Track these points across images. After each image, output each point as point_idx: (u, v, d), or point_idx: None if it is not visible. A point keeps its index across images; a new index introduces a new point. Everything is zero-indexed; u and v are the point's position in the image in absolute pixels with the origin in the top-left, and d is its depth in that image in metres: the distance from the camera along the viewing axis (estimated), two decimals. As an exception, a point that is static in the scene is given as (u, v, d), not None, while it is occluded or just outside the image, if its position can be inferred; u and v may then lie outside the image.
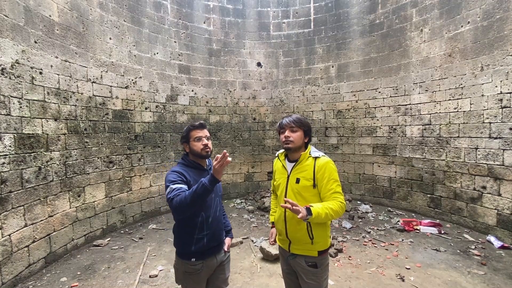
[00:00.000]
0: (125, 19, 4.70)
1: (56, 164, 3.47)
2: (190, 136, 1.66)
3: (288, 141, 1.65)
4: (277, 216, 1.75)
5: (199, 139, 1.64)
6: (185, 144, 1.70)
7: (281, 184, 1.71)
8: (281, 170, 1.75)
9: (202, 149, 1.63)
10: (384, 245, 3.74)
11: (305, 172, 1.62)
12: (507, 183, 3.70)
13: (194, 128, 1.66)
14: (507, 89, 3.68)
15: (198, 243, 1.59)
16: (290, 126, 1.66)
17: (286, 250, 1.71)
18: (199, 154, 1.65)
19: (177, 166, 1.65)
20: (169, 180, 1.52)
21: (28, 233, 3.06)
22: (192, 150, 1.66)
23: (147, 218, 5.07)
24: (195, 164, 1.68)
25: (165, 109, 5.43)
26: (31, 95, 3.17)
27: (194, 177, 1.61)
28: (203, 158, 1.69)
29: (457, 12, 4.28)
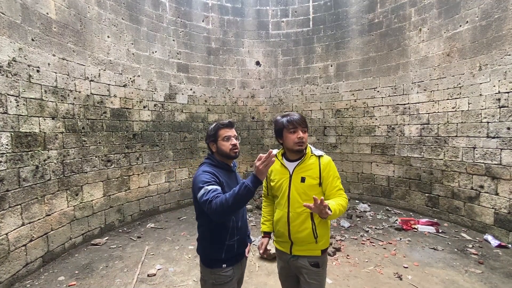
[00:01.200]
0: (123, 17, 4.67)
1: (53, 162, 3.45)
2: (218, 135, 1.56)
3: (302, 142, 1.58)
4: (277, 218, 1.67)
5: (228, 139, 1.55)
6: (212, 143, 1.60)
7: (283, 184, 1.64)
8: (281, 170, 1.67)
9: (231, 149, 1.55)
10: (382, 244, 3.75)
11: (311, 171, 1.61)
12: (504, 182, 3.72)
13: (223, 127, 1.57)
14: (505, 89, 3.69)
15: (229, 250, 1.52)
16: (302, 127, 1.60)
17: (287, 253, 1.65)
18: (227, 154, 1.56)
19: (206, 166, 1.54)
20: (202, 180, 1.41)
21: (25, 232, 3.04)
22: (220, 150, 1.57)
23: (145, 217, 5.06)
24: (223, 165, 1.59)
25: (163, 107, 5.41)
26: (28, 93, 3.14)
27: (224, 178, 1.52)
28: (231, 159, 1.60)
29: (456, 12, 4.29)
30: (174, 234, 4.28)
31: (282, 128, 1.61)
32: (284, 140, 1.63)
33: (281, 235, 1.67)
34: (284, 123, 1.60)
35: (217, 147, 1.57)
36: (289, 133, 1.59)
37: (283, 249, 1.68)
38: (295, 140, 1.58)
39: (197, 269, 3.18)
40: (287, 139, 1.60)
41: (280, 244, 1.71)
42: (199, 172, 1.48)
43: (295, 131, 1.58)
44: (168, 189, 5.51)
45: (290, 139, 1.59)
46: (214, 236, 1.52)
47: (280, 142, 1.69)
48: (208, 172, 1.47)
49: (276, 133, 1.68)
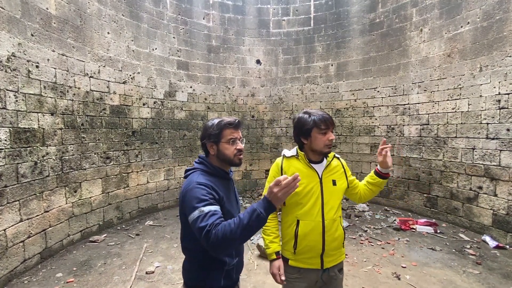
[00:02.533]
0: (123, 14, 4.64)
1: (52, 159, 3.44)
2: (222, 136, 1.26)
3: (331, 145, 1.46)
4: (306, 231, 1.43)
5: (233, 142, 1.26)
6: (211, 145, 1.27)
7: (314, 189, 1.45)
8: (307, 172, 1.46)
9: (235, 154, 1.26)
10: (381, 244, 3.76)
11: (338, 173, 1.54)
12: (503, 184, 3.73)
13: (230, 126, 1.27)
14: (505, 90, 3.70)
15: (228, 276, 1.26)
16: (333, 127, 1.46)
17: (317, 269, 1.46)
18: (230, 161, 1.27)
19: (199, 175, 1.22)
20: (198, 198, 1.10)
21: (23, 228, 3.03)
22: (221, 154, 1.26)
23: (144, 214, 5.05)
24: (220, 172, 1.29)
25: (163, 105, 5.40)
26: (27, 88, 3.12)
27: (222, 190, 1.24)
28: (232, 166, 1.32)
29: (457, 13, 4.28)
30: (173, 232, 4.28)
31: (312, 128, 1.42)
32: (312, 140, 1.44)
33: (309, 250, 1.44)
34: (316, 121, 1.41)
35: (218, 150, 1.27)
36: (320, 133, 1.42)
37: (311, 266, 1.46)
38: (326, 142, 1.43)
39: (195, 267, 3.18)
40: (317, 140, 1.43)
41: (306, 261, 1.46)
42: (192, 184, 1.16)
43: (327, 132, 1.43)
44: (167, 187, 5.51)
45: (321, 140, 1.42)
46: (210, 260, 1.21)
47: (304, 143, 1.49)
48: (204, 185, 1.15)
49: (303, 132, 1.46)
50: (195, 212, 1.07)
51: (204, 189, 1.13)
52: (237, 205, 1.38)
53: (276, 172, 1.53)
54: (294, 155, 1.52)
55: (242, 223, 0.99)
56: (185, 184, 1.22)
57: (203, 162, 1.30)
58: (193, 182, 1.17)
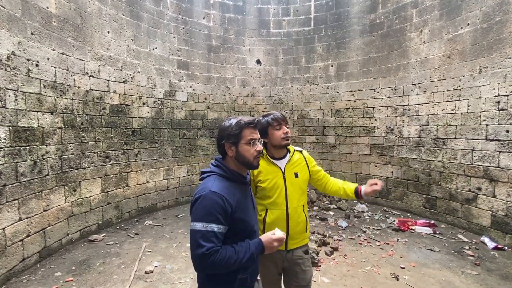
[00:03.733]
0: (123, 13, 4.64)
1: (51, 158, 3.43)
2: (242, 136, 1.20)
3: (288, 137, 1.66)
4: (273, 218, 1.64)
5: (254, 143, 1.21)
6: (230, 146, 1.21)
7: (278, 183, 1.66)
8: (270, 169, 1.67)
9: (255, 157, 1.22)
10: (380, 244, 3.76)
11: (300, 166, 1.74)
12: (502, 185, 3.74)
13: (250, 126, 1.22)
14: (504, 92, 3.71)
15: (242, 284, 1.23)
16: (285, 122, 1.67)
17: (282, 250, 1.67)
18: (249, 164, 1.23)
19: (216, 181, 1.18)
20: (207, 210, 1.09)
21: (22, 227, 3.03)
22: (240, 156, 1.21)
23: (143, 214, 5.05)
24: (237, 177, 1.24)
25: (163, 104, 5.39)
26: (27, 87, 3.12)
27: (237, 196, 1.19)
28: (250, 168, 1.28)
29: (457, 14, 4.29)
30: (172, 231, 4.28)
31: (267, 127, 1.65)
32: (270, 137, 1.67)
33: None
34: (268, 121, 1.66)
35: (237, 152, 1.21)
36: (275, 130, 1.64)
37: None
38: (281, 136, 1.64)
39: (194, 267, 3.18)
40: (274, 136, 1.65)
41: None
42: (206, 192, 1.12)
43: (280, 127, 1.65)
44: (167, 187, 5.50)
45: (277, 135, 1.64)
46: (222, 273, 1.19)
47: (265, 142, 1.70)
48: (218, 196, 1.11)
49: (262, 133, 1.64)
50: (198, 224, 1.09)
51: (217, 203, 1.10)
52: (253, 211, 1.34)
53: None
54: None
55: (239, 260, 1.08)
56: (199, 188, 1.18)
57: (220, 165, 1.25)
58: (208, 189, 1.13)
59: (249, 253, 1.10)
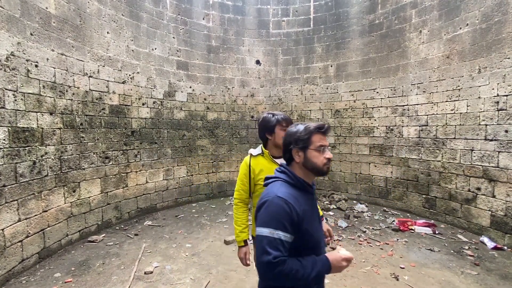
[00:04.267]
0: (123, 13, 4.64)
1: (51, 158, 3.43)
2: (311, 142, 1.15)
3: None
4: None
5: (323, 150, 1.15)
6: (298, 152, 1.16)
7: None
8: (272, 167, 1.68)
9: (324, 164, 1.15)
10: (379, 245, 3.76)
11: None
12: (501, 185, 3.74)
13: (319, 131, 1.16)
14: (503, 92, 3.71)
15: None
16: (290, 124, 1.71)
17: None
18: (319, 170, 1.15)
19: (281, 186, 1.13)
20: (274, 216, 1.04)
21: (21, 228, 3.02)
22: (309, 163, 1.15)
23: (143, 214, 5.04)
24: (304, 185, 1.18)
25: (162, 105, 5.39)
26: (26, 88, 3.12)
27: (303, 205, 1.11)
28: (319, 175, 1.20)
29: (456, 14, 4.30)
30: (172, 232, 4.27)
31: (275, 125, 1.69)
32: (275, 136, 1.70)
33: None
34: (278, 119, 1.69)
35: (305, 158, 1.15)
36: (282, 129, 1.67)
37: None
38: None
39: (194, 267, 3.18)
40: (279, 135, 1.67)
41: None
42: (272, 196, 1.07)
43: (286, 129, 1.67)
44: (166, 187, 5.50)
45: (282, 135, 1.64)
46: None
47: (268, 138, 1.74)
48: (285, 202, 1.05)
49: (267, 129, 1.71)
50: (265, 230, 1.03)
51: (283, 209, 1.04)
52: (319, 225, 1.24)
53: (246, 170, 1.74)
54: (259, 153, 1.75)
55: (306, 275, 1.01)
56: (264, 193, 1.14)
57: (286, 171, 1.18)
58: (274, 193, 1.08)
59: (316, 270, 1.02)
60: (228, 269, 3.15)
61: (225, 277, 2.99)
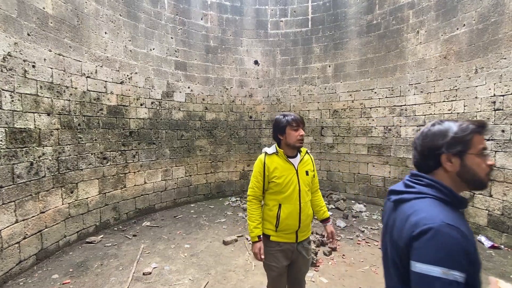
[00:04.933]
0: (121, 14, 4.63)
1: (48, 159, 3.41)
2: (472, 145, 0.88)
3: (302, 140, 1.75)
4: (287, 213, 1.74)
5: (484, 156, 0.90)
6: (450, 157, 0.89)
7: (292, 179, 1.76)
8: (286, 166, 1.77)
9: (487, 173, 0.90)
10: (378, 244, 3.77)
11: (309, 165, 1.88)
12: (498, 184, 3.77)
13: (481, 131, 0.89)
14: (500, 92, 3.74)
15: None
16: (303, 125, 1.77)
17: (293, 242, 1.79)
18: (480, 181, 0.90)
19: (438, 207, 0.84)
20: (447, 251, 0.76)
21: (19, 229, 3.00)
22: (467, 171, 0.89)
23: (141, 215, 5.03)
24: (460, 201, 0.91)
25: (160, 105, 5.38)
26: (23, 88, 3.10)
27: (467, 230, 0.83)
28: (477, 189, 0.94)
29: (453, 15, 4.32)
30: (170, 232, 4.27)
31: (286, 126, 1.73)
32: (286, 136, 1.74)
33: (288, 228, 1.76)
34: (288, 120, 1.73)
35: (463, 166, 0.89)
36: (292, 130, 1.72)
37: (289, 240, 1.80)
38: (297, 137, 1.73)
39: (192, 268, 3.17)
40: (290, 136, 1.73)
41: (284, 236, 1.79)
42: (438, 223, 0.79)
43: (298, 129, 1.73)
44: (165, 188, 5.49)
45: (293, 135, 1.73)
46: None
47: (280, 139, 1.79)
48: (460, 232, 0.79)
49: (279, 130, 1.77)
50: (436, 269, 0.76)
51: (459, 242, 0.78)
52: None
53: (260, 168, 1.79)
54: (274, 152, 1.80)
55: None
56: (418, 216, 0.83)
57: (436, 185, 0.89)
58: (440, 220, 0.80)
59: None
60: (227, 269, 3.14)
61: (223, 277, 2.99)
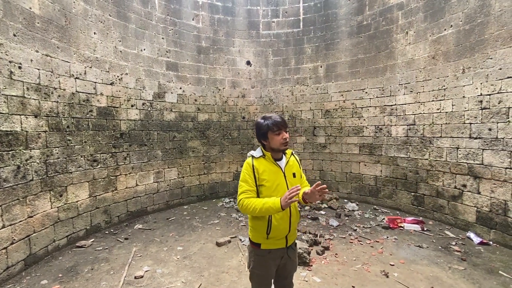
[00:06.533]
0: (110, 14, 4.56)
1: (36, 162, 3.34)
2: None
3: (286, 142, 1.71)
4: (279, 218, 1.67)
5: None
6: None
7: (280, 183, 1.70)
8: (274, 169, 1.72)
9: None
10: (370, 243, 3.81)
11: (296, 167, 1.83)
12: (486, 182, 3.85)
13: None
14: (486, 91, 3.83)
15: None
16: (285, 128, 1.71)
17: (283, 247, 1.75)
18: None
19: None
20: None
21: (6, 234, 2.93)
22: None
23: (133, 218, 4.96)
24: None
25: (152, 106, 5.32)
26: (9, 90, 3.03)
27: None
28: None
29: (441, 16, 4.40)
30: (163, 235, 4.22)
31: (267, 131, 1.68)
32: (270, 141, 1.70)
33: (278, 234, 1.69)
34: (269, 125, 1.67)
35: None
36: (274, 134, 1.68)
37: (279, 246, 1.74)
38: (281, 141, 1.68)
39: (185, 270, 3.15)
40: (273, 140, 1.69)
41: (275, 243, 1.73)
42: None
43: (280, 133, 1.68)
44: (157, 190, 5.43)
45: (276, 140, 1.68)
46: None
47: (264, 144, 1.75)
48: None
49: (261, 135, 1.73)
50: None
51: None
52: None
53: (250, 171, 1.70)
54: (261, 156, 1.75)
55: None
56: None
57: None
58: None
59: None
60: (220, 271, 3.13)
61: (217, 279, 2.97)
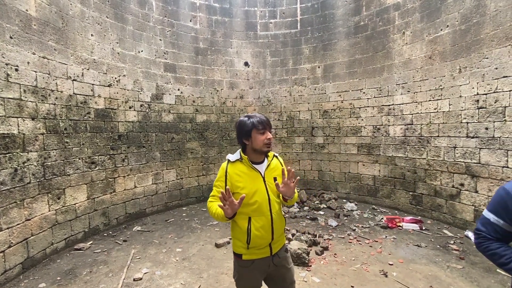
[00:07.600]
0: (107, 15, 4.56)
1: (33, 165, 3.32)
2: None
3: (270, 143, 1.59)
4: (258, 227, 1.55)
5: None
6: None
7: (258, 188, 1.57)
8: (251, 174, 1.59)
9: None
10: (369, 242, 3.82)
11: (278, 170, 1.68)
12: (483, 180, 3.87)
13: None
14: (483, 91, 3.85)
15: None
16: (270, 128, 1.61)
17: (267, 256, 1.63)
18: None
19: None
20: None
21: (3, 237, 2.91)
22: None
23: (132, 220, 4.95)
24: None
25: (150, 108, 5.32)
26: (6, 93, 3.02)
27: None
28: None
29: (437, 16, 4.43)
30: (162, 236, 4.21)
31: (252, 129, 1.56)
32: (252, 141, 1.57)
33: (261, 243, 1.58)
34: (254, 123, 1.56)
35: None
36: (259, 134, 1.56)
37: (263, 255, 1.62)
38: (264, 141, 1.57)
39: (184, 272, 3.14)
40: (256, 140, 1.56)
41: (258, 252, 1.61)
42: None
43: (264, 132, 1.57)
44: (155, 191, 5.42)
45: (260, 140, 1.56)
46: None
47: (245, 144, 1.60)
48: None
49: (243, 134, 1.58)
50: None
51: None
52: None
53: (222, 176, 1.60)
54: (238, 159, 1.62)
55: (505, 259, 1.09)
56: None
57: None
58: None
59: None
60: (219, 272, 3.13)
61: (216, 280, 2.97)
